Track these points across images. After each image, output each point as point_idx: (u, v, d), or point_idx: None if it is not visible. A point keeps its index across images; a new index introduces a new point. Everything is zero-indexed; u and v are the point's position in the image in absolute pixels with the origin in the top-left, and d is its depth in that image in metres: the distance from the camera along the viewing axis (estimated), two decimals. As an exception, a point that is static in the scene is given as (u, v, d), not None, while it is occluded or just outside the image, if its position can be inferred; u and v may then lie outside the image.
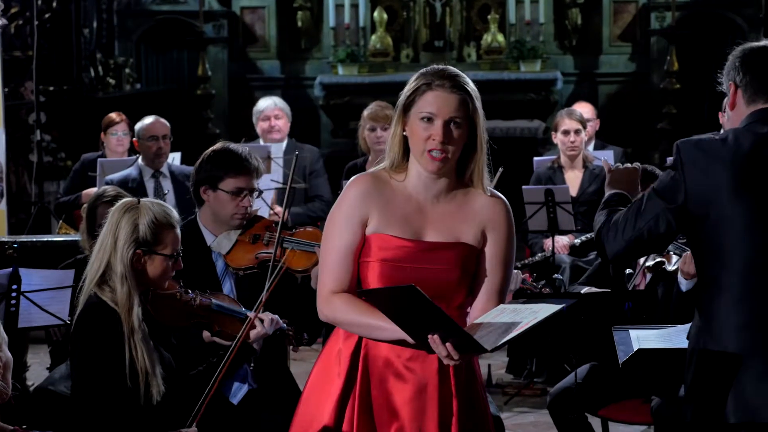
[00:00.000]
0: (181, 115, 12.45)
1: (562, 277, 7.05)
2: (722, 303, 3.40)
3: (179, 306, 4.11)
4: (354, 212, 3.45)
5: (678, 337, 3.98)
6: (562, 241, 7.65)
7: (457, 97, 3.40)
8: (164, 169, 7.36)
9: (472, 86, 3.44)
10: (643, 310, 5.27)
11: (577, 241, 7.60)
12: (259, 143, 8.08)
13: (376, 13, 13.08)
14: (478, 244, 3.48)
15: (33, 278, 5.11)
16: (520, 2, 12.99)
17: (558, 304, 3.27)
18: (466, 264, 3.45)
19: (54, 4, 11.37)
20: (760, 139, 3.42)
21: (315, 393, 3.51)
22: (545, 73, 12.88)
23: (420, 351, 3.37)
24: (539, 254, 7.54)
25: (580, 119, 7.83)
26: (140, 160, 7.42)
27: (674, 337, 4.02)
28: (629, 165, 3.84)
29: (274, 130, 8.17)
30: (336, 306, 3.45)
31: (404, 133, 3.46)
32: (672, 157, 3.52)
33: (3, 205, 8.45)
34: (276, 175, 7.55)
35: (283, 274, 4.55)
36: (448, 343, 3.23)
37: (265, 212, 6.71)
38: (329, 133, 13.32)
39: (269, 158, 7.43)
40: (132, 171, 7.33)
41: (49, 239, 6.87)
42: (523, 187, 7.43)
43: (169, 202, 5.11)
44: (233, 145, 4.78)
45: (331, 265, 3.47)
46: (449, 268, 3.43)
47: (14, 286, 5.02)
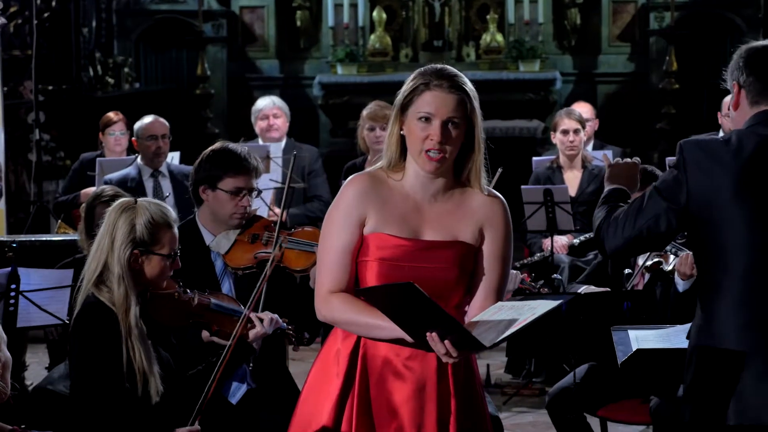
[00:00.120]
0: (180, 114, 12.46)
1: (560, 277, 7.04)
2: (723, 304, 3.40)
3: (178, 306, 4.10)
4: (351, 212, 3.45)
5: (677, 337, 3.97)
6: (561, 241, 7.64)
7: (455, 97, 3.39)
8: (163, 168, 7.35)
9: (470, 86, 3.43)
10: (642, 310, 5.26)
11: (576, 241, 7.60)
12: (258, 143, 8.07)
13: (375, 13, 13.09)
14: (475, 243, 3.47)
15: (32, 278, 5.10)
16: (519, 2, 13.00)
17: (556, 300, 3.27)
18: (464, 262, 3.45)
19: (53, 4, 11.35)
20: (763, 141, 3.40)
21: (314, 393, 3.51)
22: (544, 73, 12.90)
23: (419, 350, 3.37)
24: (538, 254, 7.53)
25: (579, 119, 7.82)
26: (139, 159, 7.42)
27: (673, 337, 4.02)
28: (629, 160, 3.82)
29: (272, 129, 8.16)
30: (334, 306, 3.44)
31: (401, 133, 3.46)
32: (674, 156, 3.51)
33: (2, 205, 8.45)
34: (275, 175, 7.55)
35: (282, 273, 4.55)
36: (446, 341, 3.23)
37: (264, 212, 6.71)
38: (328, 133, 13.32)
39: (268, 158, 7.42)
40: (131, 170, 7.33)
41: (48, 239, 6.84)
42: (522, 187, 7.42)
43: (169, 204, 5.10)
44: (232, 144, 4.78)
45: (328, 264, 3.46)
46: (447, 267, 3.43)
47: (13, 286, 5.02)
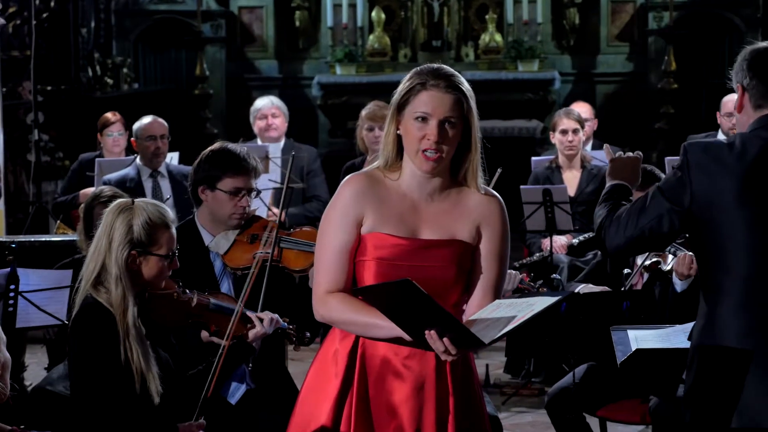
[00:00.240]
0: (178, 114, 12.46)
1: (560, 276, 7.05)
2: (725, 306, 3.38)
3: (177, 306, 4.10)
4: (349, 211, 3.44)
5: (676, 337, 3.97)
6: (560, 240, 7.64)
7: (452, 97, 3.39)
8: (162, 168, 7.35)
9: (466, 86, 3.43)
10: (641, 310, 5.26)
11: (575, 241, 7.60)
12: (256, 143, 8.07)
13: (373, 13, 13.09)
14: (473, 241, 3.47)
15: (31, 278, 5.11)
16: (517, 2, 13.00)
17: (553, 296, 3.27)
18: (461, 261, 3.45)
19: (52, 4, 11.35)
20: (767, 145, 3.39)
21: (312, 393, 3.50)
22: (543, 73, 12.90)
23: (417, 349, 3.37)
24: (537, 254, 7.53)
25: (578, 119, 7.82)
26: (138, 159, 7.42)
27: (672, 337, 4.01)
28: (630, 154, 3.79)
29: (271, 129, 8.17)
30: (332, 305, 3.44)
31: (398, 132, 3.46)
32: (674, 156, 3.50)
33: (1, 205, 8.45)
34: (274, 175, 7.55)
35: (281, 273, 4.55)
36: (445, 338, 3.22)
37: (263, 212, 6.71)
38: (327, 133, 13.31)
39: (267, 158, 7.42)
40: (130, 171, 7.33)
41: (47, 239, 6.84)
42: (521, 186, 7.43)
43: (169, 206, 5.10)
44: (231, 145, 4.78)
45: (326, 264, 3.46)
46: (445, 266, 3.43)
47: (12, 286, 5.02)
